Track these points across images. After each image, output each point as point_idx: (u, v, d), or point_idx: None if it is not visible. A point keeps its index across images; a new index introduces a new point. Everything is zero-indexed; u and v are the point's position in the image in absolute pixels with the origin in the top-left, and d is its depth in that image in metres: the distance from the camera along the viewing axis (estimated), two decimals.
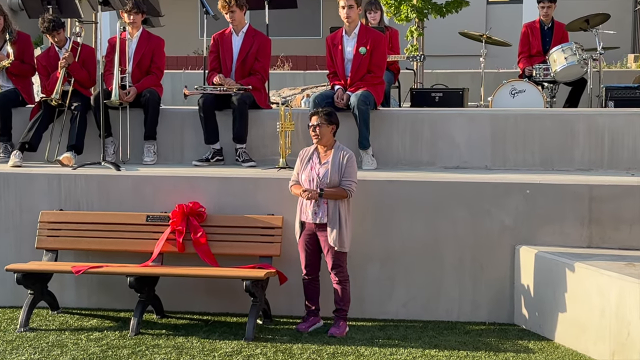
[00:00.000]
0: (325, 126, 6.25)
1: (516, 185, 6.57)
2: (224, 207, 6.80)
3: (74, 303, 7.05)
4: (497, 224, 6.53)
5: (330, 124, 6.28)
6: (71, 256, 6.96)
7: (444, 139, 7.57)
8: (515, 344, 6.02)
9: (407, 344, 6.02)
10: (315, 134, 6.23)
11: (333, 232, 6.09)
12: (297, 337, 6.15)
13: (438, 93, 9.34)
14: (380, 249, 6.66)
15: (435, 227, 6.60)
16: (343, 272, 6.22)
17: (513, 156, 7.48)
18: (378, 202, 6.65)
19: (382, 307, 6.69)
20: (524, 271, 6.40)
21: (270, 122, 7.64)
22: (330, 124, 6.28)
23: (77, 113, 7.69)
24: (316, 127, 6.24)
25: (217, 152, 7.68)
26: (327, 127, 6.26)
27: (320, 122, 6.24)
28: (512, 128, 7.50)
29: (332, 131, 6.29)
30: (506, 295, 6.54)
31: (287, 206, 6.56)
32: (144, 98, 7.74)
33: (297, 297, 6.53)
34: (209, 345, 5.98)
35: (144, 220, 6.76)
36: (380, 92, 7.64)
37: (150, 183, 6.97)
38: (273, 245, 6.55)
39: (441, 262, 6.61)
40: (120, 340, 6.10)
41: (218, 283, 6.78)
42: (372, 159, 7.45)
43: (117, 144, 7.87)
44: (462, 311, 6.61)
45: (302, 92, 10.97)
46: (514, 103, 8.83)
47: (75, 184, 7.03)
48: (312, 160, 6.27)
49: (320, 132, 6.23)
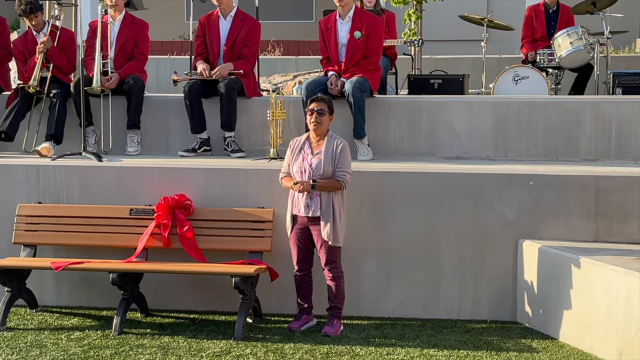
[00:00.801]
0: (326, 114, 6.24)
1: (519, 177, 6.57)
2: (212, 200, 6.79)
3: (54, 301, 7.03)
4: (499, 217, 6.54)
5: (332, 113, 6.29)
6: (50, 251, 6.94)
7: (444, 128, 7.57)
8: (517, 343, 6.03)
9: (404, 343, 6.03)
10: (316, 122, 6.21)
11: (327, 226, 6.08)
12: (289, 337, 6.15)
13: (437, 80, 9.32)
14: (376, 244, 6.66)
15: (434, 221, 6.60)
16: (337, 268, 6.21)
17: (516, 146, 7.49)
18: (374, 194, 6.65)
19: (378, 304, 6.69)
20: (527, 267, 6.41)
21: (261, 111, 7.63)
22: (331, 114, 6.29)
23: (56, 101, 7.66)
24: (319, 114, 6.22)
25: (204, 142, 7.67)
26: (327, 116, 6.26)
27: (323, 109, 6.23)
28: (514, 116, 7.50)
29: (330, 121, 6.29)
30: (508, 292, 6.55)
31: (278, 199, 6.55)
32: (126, 85, 7.71)
33: (288, 295, 6.53)
34: (196, 345, 5.98)
35: (127, 213, 6.75)
36: (376, 78, 7.62)
37: (133, 174, 6.95)
38: (263, 240, 6.55)
39: (440, 258, 6.61)
40: (103, 340, 6.09)
41: (205, 280, 6.77)
42: (367, 149, 7.45)
43: (98, 133, 7.84)
44: (462, 309, 6.62)
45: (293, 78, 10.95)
46: (516, 90, 8.83)
47: (54, 175, 7.01)
48: (303, 151, 6.26)
49: (322, 120, 6.22)
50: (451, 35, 14.29)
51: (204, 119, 7.65)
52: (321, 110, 6.22)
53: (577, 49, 8.98)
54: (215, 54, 7.79)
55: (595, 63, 8.99)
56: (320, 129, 6.24)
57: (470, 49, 12.91)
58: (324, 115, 6.23)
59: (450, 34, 14.24)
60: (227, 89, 7.49)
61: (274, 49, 14.32)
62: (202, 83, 7.62)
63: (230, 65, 7.66)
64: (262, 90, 8.82)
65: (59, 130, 7.65)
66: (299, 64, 12.84)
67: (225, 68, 7.63)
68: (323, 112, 6.23)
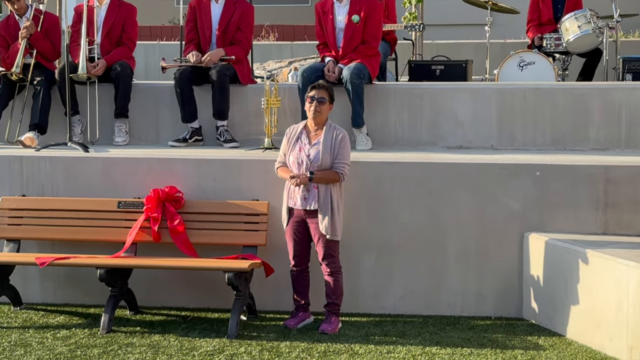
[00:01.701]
0: (327, 103, 6.25)
1: (525, 167, 6.59)
2: (204, 192, 6.81)
3: (39, 298, 7.05)
4: (504, 209, 6.56)
5: (332, 101, 6.29)
6: (35, 246, 6.96)
7: (446, 117, 7.59)
8: (523, 340, 6.06)
9: (405, 341, 6.06)
10: (316, 110, 6.21)
11: (325, 219, 6.10)
12: (284, 334, 6.18)
13: (439, 66, 9.33)
14: (375, 238, 6.68)
15: (436, 213, 6.63)
16: (335, 263, 6.24)
17: (521, 135, 7.51)
18: (373, 185, 6.67)
19: (378, 301, 6.72)
20: (533, 261, 6.44)
21: (255, 99, 7.64)
22: (332, 102, 6.29)
23: (40, 88, 7.66)
24: (320, 102, 6.23)
25: (195, 132, 7.68)
26: (327, 105, 6.26)
27: (323, 97, 6.24)
28: (520, 104, 7.52)
29: (330, 109, 6.30)
30: (514, 288, 6.58)
31: (273, 191, 6.56)
32: (114, 72, 7.72)
33: (284, 291, 6.55)
34: (188, 344, 6.00)
35: (115, 206, 6.77)
36: (375, 64, 7.64)
37: (121, 166, 6.97)
38: (258, 234, 6.57)
39: (443, 252, 6.64)
40: (90, 339, 6.11)
41: (197, 275, 6.79)
42: (366, 138, 7.46)
43: (84, 122, 7.85)
44: (466, 305, 6.65)
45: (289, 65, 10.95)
46: (522, 76, 8.83)
47: (38, 167, 7.02)
48: (300, 140, 6.28)
49: (322, 109, 6.23)
50: (454, 19, 14.28)
51: (195, 107, 7.66)
52: (322, 98, 6.23)
53: (586, 33, 8.99)
54: (207, 40, 7.80)
55: (604, 48, 9.01)
56: (320, 118, 6.25)
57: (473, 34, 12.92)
58: (324, 104, 6.23)
59: (452, 18, 14.22)
60: (219, 75, 7.50)
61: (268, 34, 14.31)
62: (193, 70, 7.62)
63: (221, 50, 7.66)
64: (256, 77, 8.84)
65: (43, 120, 7.66)
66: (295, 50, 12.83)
67: (216, 54, 7.64)
68: (323, 100, 6.23)
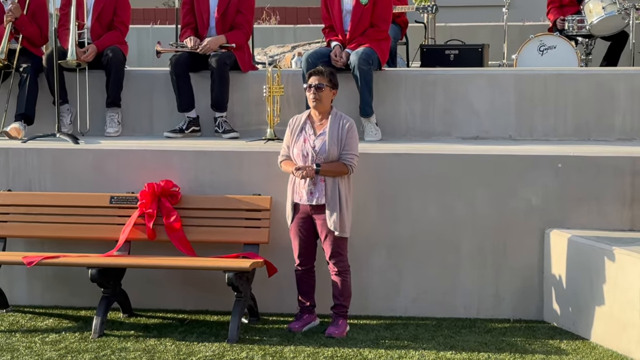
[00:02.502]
0: (328, 89, 6.21)
1: (545, 159, 6.58)
2: (202, 186, 6.80)
3: (26, 300, 7.06)
4: (524, 204, 6.55)
5: (334, 87, 6.25)
6: (22, 245, 6.96)
7: (461, 105, 7.58)
8: (544, 345, 6.05)
9: (418, 345, 6.05)
10: (315, 98, 6.19)
11: (333, 215, 6.08)
12: (289, 338, 6.17)
13: (453, 50, 9.33)
14: (385, 235, 6.67)
15: (450, 208, 6.61)
16: (343, 262, 6.23)
17: (542, 124, 7.50)
18: (383, 179, 6.65)
19: (389, 302, 6.72)
20: (555, 259, 6.42)
21: (256, 86, 7.62)
22: (334, 88, 6.25)
23: (26, 76, 7.65)
24: (317, 88, 6.20)
25: (192, 122, 7.67)
26: (329, 91, 6.23)
27: (322, 84, 6.21)
28: (540, 91, 7.51)
29: (333, 96, 6.27)
30: (534, 288, 6.57)
31: (277, 185, 6.55)
32: (105, 58, 7.71)
33: (288, 292, 6.54)
34: (186, 349, 5.99)
35: (108, 202, 6.76)
36: (385, 49, 7.61)
37: (114, 158, 6.96)
38: (260, 231, 6.56)
39: (457, 250, 6.63)
40: (81, 343, 6.11)
41: (195, 275, 6.79)
42: (375, 128, 7.45)
43: (74, 112, 7.84)
44: (483, 307, 6.64)
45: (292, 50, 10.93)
46: (542, 61, 8.82)
47: (25, 159, 7.01)
48: (304, 131, 6.25)
49: (322, 96, 6.20)
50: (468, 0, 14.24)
51: (193, 95, 7.64)
52: (320, 84, 6.20)
53: (610, 15, 8.97)
54: (204, 24, 7.77)
55: (631, 30, 8.98)
56: (321, 106, 6.22)
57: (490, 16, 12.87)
58: (323, 90, 6.20)
59: None
60: (218, 64, 7.47)
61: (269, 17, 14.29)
62: (190, 55, 7.61)
63: (221, 37, 7.63)
64: (257, 64, 8.81)
65: (30, 109, 7.65)
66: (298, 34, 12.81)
67: (215, 41, 7.61)
68: (322, 86, 6.20)
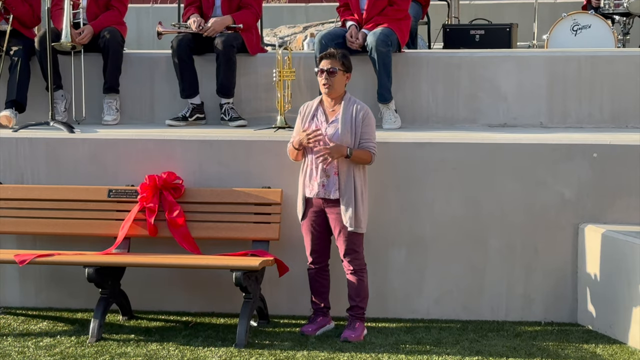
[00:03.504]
0: (341, 73, 6.21)
1: (580, 148, 6.56)
2: (207, 179, 6.80)
3: (18, 301, 7.08)
4: (556, 197, 6.54)
5: (347, 71, 6.24)
6: (13, 242, 6.99)
7: (487, 90, 7.56)
8: (578, 349, 6.04)
9: (441, 349, 6.05)
10: (327, 83, 6.19)
11: (349, 210, 6.08)
12: (301, 343, 6.18)
13: (478, 30, 9.31)
14: (406, 231, 6.67)
15: (476, 203, 6.61)
16: (359, 260, 6.23)
17: (576, 111, 7.48)
18: (403, 170, 6.65)
19: (409, 304, 6.72)
20: (589, 257, 6.40)
21: (265, 70, 7.62)
22: (347, 72, 6.24)
23: (17, 60, 7.66)
24: (329, 73, 6.19)
25: (196, 109, 7.68)
26: (342, 75, 6.22)
27: (334, 67, 6.20)
28: (574, 74, 7.49)
29: (347, 80, 6.26)
30: (567, 288, 6.56)
31: (288, 177, 6.55)
32: (102, 40, 7.71)
33: (301, 292, 6.56)
34: (190, 354, 6.01)
35: (105, 195, 6.77)
36: (404, 29, 7.60)
37: (112, 148, 6.97)
38: (270, 227, 6.56)
39: (484, 247, 6.62)
40: (78, 348, 6.13)
41: (200, 275, 6.80)
42: (394, 115, 7.44)
43: (69, 98, 7.86)
44: (511, 309, 6.64)
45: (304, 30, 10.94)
46: (576, 42, 8.80)
47: (16, 150, 7.03)
48: (316, 118, 6.25)
49: (334, 81, 6.19)
50: None
51: (197, 80, 7.65)
52: (332, 68, 6.20)
53: None
54: (209, 3, 7.76)
55: None
56: (334, 92, 6.21)
57: None
58: (335, 75, 6.19)
59: None
60: (224, 46, 7.47)
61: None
62: (194, 37, 7.61)
63: (227, 18, 7.63)
64: (266, 46, 8.81)
65: (22, 96, 7.66)
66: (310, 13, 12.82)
67: (220, 22, 7.60)
68: (334, 70, 6.19)
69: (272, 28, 11.31)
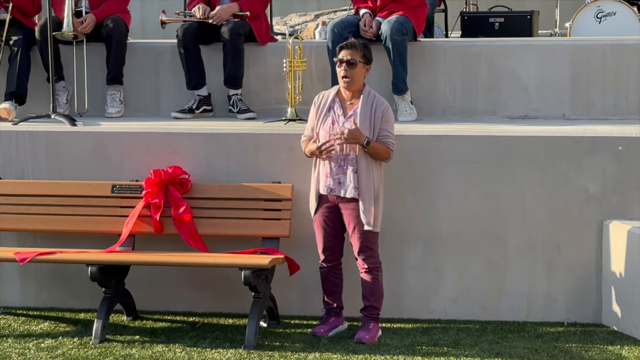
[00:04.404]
0: (361, 65, 6.17)
1: (604, 140, 6.55)
2: (214, 174, 6.82)
3: (19, 301, 7.11)
4: (579, 192, 6.53)
5: (368, 62, 6.21)
6: (13, 239, 7.01)
7: (507, 80, 7.56)
8: (603, 351, 6.03)
9: (459, 351, 6.05)
10: (346, 76, 6.16)
11: (369, 210, 6.06)
12: (313, 344, 6.19)
13: (498, 18, 9.30)
14: (422, 228, 6.68)
15: (495, 198, 6.60)
16: (374, 258, 6.23)
17: (600, 101, 7.48)
18: (419, 164, 6.65)
19: (426, 303, 6.72)
20: (614, 255, 6.39)
21: (274, 60, 7.63)
22: (368, 63, 6.20)
23: (17, 50, 7.68)
24: (349, 64, 6.16)
25: (203, 101, 7.69)
26: (362, 67, 6.19)
27: (355, 59, 6.17)
28: (598, 64, 7.48)
29: (367, 72, 6.23)
30: (591, 287, 6.56)
31: (299, 171, 6.57)
32: (105, 29, 7.73)
33: (312, 292, 6.57)
34: (198, 356, 6.02)
35: (109, 191, 6.79)
36: (421, 17, 7.59)
37: (116, 142, 6.99)
38: (280, 224, 6.57)
39: (504, 244, 6.62)
40: (80, 350, 6.15)
41: (208, 274, 6.82)
42: (410, 107, 7.44)
43: (71, 90, 7.88)
44: (532, 309, 6.64)
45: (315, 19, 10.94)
46: (601, 30, 8.77)
47: (17, 143, 7.06)
48: (333, 111, 6.23)
49: (354, 73, 6.17)
50: None
51: (203, 71, 7.66)
52: (352, 60, 6.17)
53: None
54: None
55: None
56: (353, 85, 6.19)
57: None
58: (355, 67, 6.16)
59: None
60: (231, 35, 7.48)
61: None
62: (200, 26, 7.61)
63: (234, 5, 7.63)
64: (276, 35, 8.81)
65: (22, 87, 7.67)
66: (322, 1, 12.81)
67: (226, 10, 7.60)
68: (355, 62, 6.17)
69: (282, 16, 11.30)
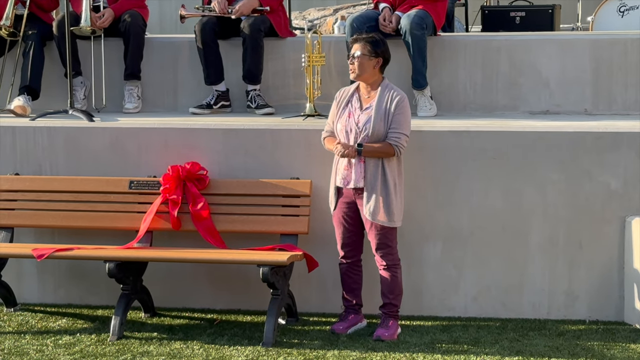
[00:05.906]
0: (366, 58, 6.19)
1: (627, 136, 6.52)
2: (233, 169, 6.83)
3: (36, 298, 7.14)
4: (601, 188, 6.51)
5: (375, 55, 6.22)
6: (31, 235, 7.04)
7: (528, 75, 7.55)
8: (625, 349, 6.01)
9: (479, 349, 6.04)
10: (351, 68, 6.19)
11: (371, 201, 6.06)
12: (332, 342, 6.19)
13: (519, 12, 9.29)
14: (442, 224, 6.67)
15: (516, 194, 6.59)
16: (392, 254, 6.23)
17: (622, 97, 7.46)
18: (439, 160, 6.64)
19: (446, 301, 6.72)
20: (637, 252, 6.37)
21: (293, 55, 7.64)
22: (375, 56, 6.22)
23: (31, 43, 7.69)
24: (354, 58, 6.20)
25: (221, 96, 7.70)
26: (368, 60, 6.20)
27: (358, 52, 6.20)
28: (620, 58, 7.46)
29: (376, 65, 6.24)
30: (613, 285, 6.54)
31: (318, 167, 6.57)
32: (123, 24, 7.75)
33: (331, 289, 6.58)
34: (215, 353, 6.04)
35: (127, 187, 6.81)
36: (440, 11, 7.59)
37: (133, 138, 7.00)
38: (299, 220, 6.57)
39: (525, 241, 6.60)
40: (98, 346, 6.17)
41: (226, 270, 6.83)
42: (430, 102, 7.43)
43: (88, 85, 7.90)
44: (554, 306, 6.62)
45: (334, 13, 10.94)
46: (623, 24, 8.75)
47: (34, 140, 7.08)
48: (351, 104, 6.25)
49: (359, 66, 6.19)
50: None
51: (222, 66, 7.67)
52: (355, 53, 6.19)
53: None
54: None
55: None
56: (362, 78, 6.21)
57: None
58: (363, 60, 6.17)
59: None
60: (251, 30, 7.48)
61: None
62: (219, 20, 7.63)
63: (254, 0, 7.63)
64: (295, 29, 8.82)
65: (35, 81, 7.69)
66: None
67: (247, 5, 7.61)
68: (357, 55, 6.18)
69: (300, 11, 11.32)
